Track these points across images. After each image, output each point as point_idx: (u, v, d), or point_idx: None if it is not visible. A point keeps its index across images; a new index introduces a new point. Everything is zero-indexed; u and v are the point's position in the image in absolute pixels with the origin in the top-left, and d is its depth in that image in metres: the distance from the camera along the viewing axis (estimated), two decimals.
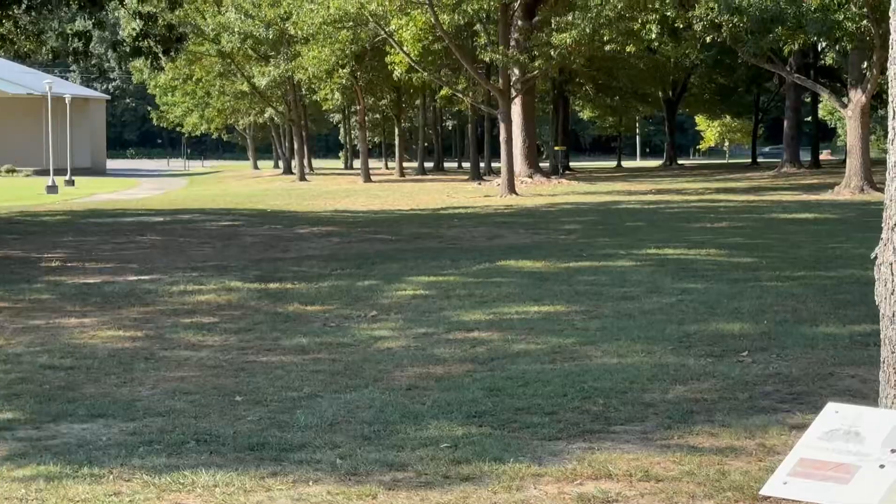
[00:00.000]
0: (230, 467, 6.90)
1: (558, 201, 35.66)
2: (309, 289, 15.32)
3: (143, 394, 9.02)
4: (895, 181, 4.59)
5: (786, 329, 11.49)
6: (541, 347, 10.78)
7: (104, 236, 24.80)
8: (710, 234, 23.42)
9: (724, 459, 6.97)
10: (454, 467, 6.85)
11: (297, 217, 30.65)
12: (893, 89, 4.62)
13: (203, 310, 13.58)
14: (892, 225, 4.59)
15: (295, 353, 10.75)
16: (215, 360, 10.41)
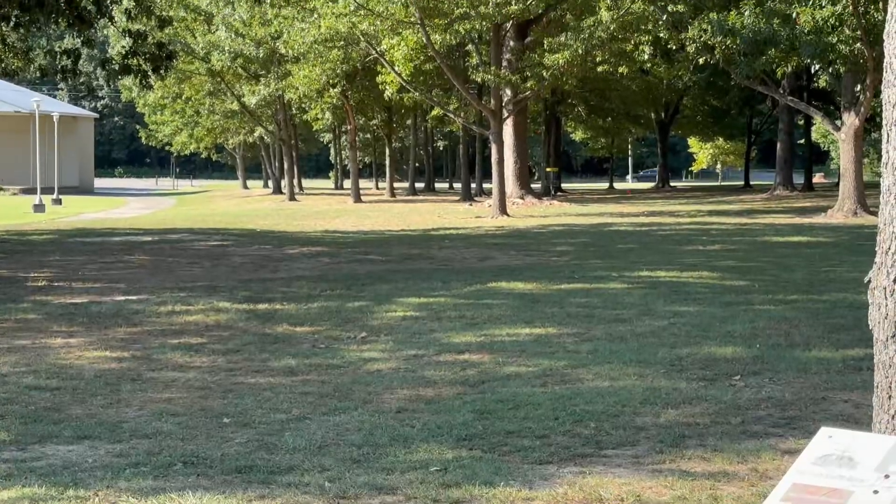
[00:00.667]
0: (217, 490, 6.89)
1: (550, 223, 35.70)
2: (298, 310, 15.30)
3: (130, 415, 8.99)
4: (889, 205, 4.60)
5: (778, 353, 11.49)
6: (532, 370, 10.78)
7: (91, 256, 24.77)
8: (703, 256, 23.45)
9: (716, 484, 6.97)
10: (444, 491, 6.85)
11: (286, 237, 30.66)
12: (887, 112, 4.63)
13: (191, 330, 13.56)
14: (886, 249, 4.60)
15: (284, 374, 10.74)
16: (203, 382, 10.39)
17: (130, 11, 28.16)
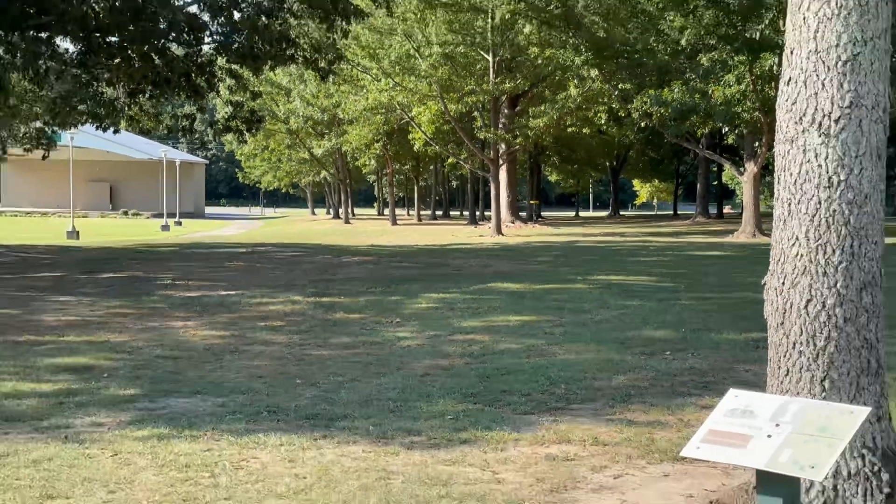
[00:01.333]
0: (292, 432, 6.92)
1: (532, 240, 35.65)
2: (351, 302, 15.31)
3: (229, 377, 9.02)
4: (779, 229, 4.61)
5: (698, 335, 11.48)
6: (519, 347, 10.77)
7: (202, 262, 24.83)
8: (643, 265, 23.39)
9: (653, 430, 6.97)
10: (456, 433, 6.86)
11: (342, 249, 30.67)
12: (777, 162, 4.65)
13: (273, 316, 13.57)
14: (777, 260, 4.61)
15: (340, 348, 10.75)
16: (282, 353, 10.42)
17: (231, 87, 28.21)
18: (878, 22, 4.40)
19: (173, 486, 5.69)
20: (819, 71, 4.41)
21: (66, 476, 5.86)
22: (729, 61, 32.25)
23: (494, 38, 38.28)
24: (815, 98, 4.41)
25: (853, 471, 4.33)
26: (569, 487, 5.67)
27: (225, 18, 25.06)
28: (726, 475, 5.82)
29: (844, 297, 4.37)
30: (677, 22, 32.56)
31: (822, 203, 4.38)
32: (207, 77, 25.54)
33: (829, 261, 4.37)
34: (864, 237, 4.39)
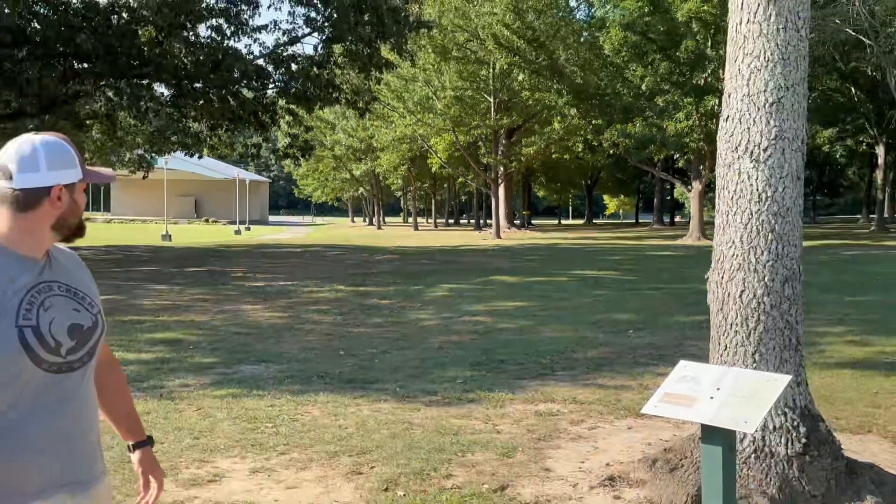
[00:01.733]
0: (337, 392, 6.94)
1: (524, 243, 35.65)
2: (382, 290, 15.37)
3: (288, 349, 9.06)
4: (718, 235, 4.61)
5: (654, 318, 11.48)
6: (514, 326, 10.80)
7: (265, 260, 24.94)
8: (611, 262, 23.37)
9: (619, 392, 6.97)
10: (464, 394, 6.88)
11: (375, 249, 30.74)
12: (718, 182, 4.64)
13: (321, 302, 13.63)
14: (716, 259, 4.60)
15: (374, 327, 10.79)
16: (328, 330, 10.46)
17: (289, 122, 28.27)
18: (797, 73, 4.40)
19: (244, 433, 5.73)
20: (751, 110, 4.41)
21: (162, 425, 5.89)
22: (679, 102, 32.34)
23: (495, 84, 38.32)
24: (748, 132, 4.41)
25: (777, 425, 4.32)
26: (553, 437, 5.68)
27: (285, 69, 25.14)
28: (677, 428, 5.81)
29: (771, 289, 4.36)
30: (639, 72, 32.64)
31: (753, 214, 4.38)
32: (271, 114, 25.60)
33: (759, 260, 4.37)
34: (786, 241, 4.39)
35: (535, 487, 4.68)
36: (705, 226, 35.97)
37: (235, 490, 4.65)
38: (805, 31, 4.42)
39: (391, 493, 4.57)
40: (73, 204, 2.05)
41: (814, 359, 8.14)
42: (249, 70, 23.15)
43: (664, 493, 4.37)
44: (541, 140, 40.56)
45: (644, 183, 71.46)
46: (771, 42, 4.37)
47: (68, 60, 21.73)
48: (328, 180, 68.12)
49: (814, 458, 4.27)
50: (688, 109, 32.07)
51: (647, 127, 33.25)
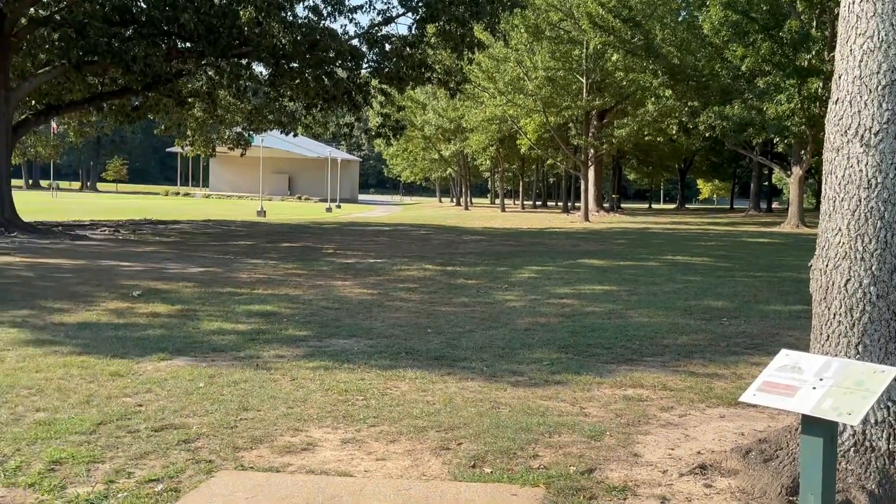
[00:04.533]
0: (424, 368, 7.01)
1: (613, 226, 35.18)
2: (469, 270, 15.39)
3: (377, 325, 9.17)
4: (824, 222, 4.46)
5: (749, 306, 11.18)
6: (602, 310, 10.68)
7: (356, 237, 25.27)
8: (704, 248, 22.87)
9: (711, 380, 6.83)
10: (551, 376, 6.85)
11: (462, 230, 30.83)
12: (825, 167, 4.49)
13: (409, 280, 13.74)
14: (821, 247, 4.46)
15: (460, 306, 10.82)
16: (416, 308, 10.54)
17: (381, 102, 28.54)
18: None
19: (335, 405, 5.84)
20: (863, 93, 4.23)
21: (257, 394, 6.07)
22: (781, 84, 31.29)
23: (588, 65, 37.78)
24: (859, 115, 4.24)
25: (879, 419, 4.18)
26: (642, 423, 5.61)
27: (378, 49, 25.35)
28: (772, 419, 5.68)
29: (878, 278, 4.20)
30: (739, 52, 31.65)
31: (862, 201, 4.22)
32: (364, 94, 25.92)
33: (866, 248, 4.21)
34: (895, 230, 4.21)
35: (624, 472, 4.64)
36: (805, 213, 34.87)
37: (328, 459, 4.76)
38: None
39: (478, 470, 4.60)
40: None
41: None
42: (344, 50, 23.45)
43: (757, 483, 4.28)
44: (633, 122, 39.80)
45: (740, 167, 69.56)
46: (886, 22, 4.18)
47: (172, 39, 22.41)
48: (417, 160, 68.47)
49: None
50: (790, 92, 31.02)
51: (746, 109, 32.27)
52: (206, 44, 21.87)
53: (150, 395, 5.99)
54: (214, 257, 16.85)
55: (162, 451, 4.80)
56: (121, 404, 5.72)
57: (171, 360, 7.14)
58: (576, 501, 4.17)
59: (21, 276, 12.79)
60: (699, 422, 5.67)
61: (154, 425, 5.27)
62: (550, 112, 39.62)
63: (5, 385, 6.12)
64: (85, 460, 4.62)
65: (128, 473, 4.46)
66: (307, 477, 4.47)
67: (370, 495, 4.21)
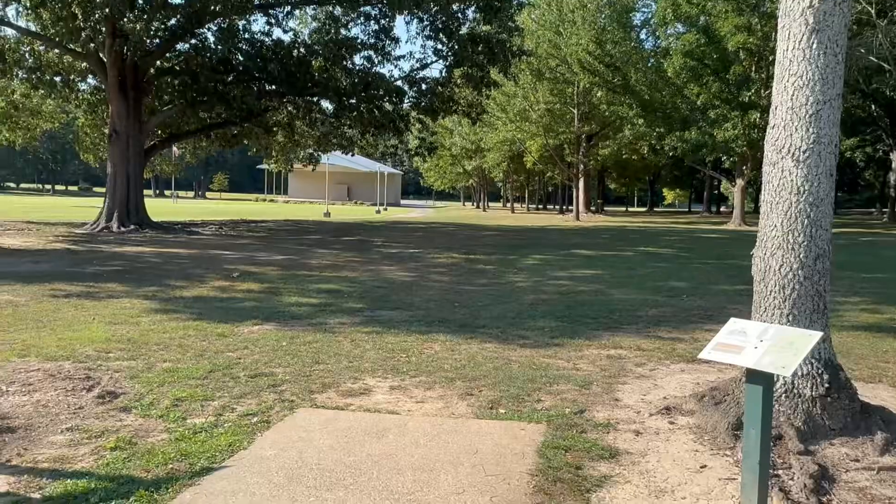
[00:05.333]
0: (453, 333, 7.00)
1: (598, 225, 34.90)
2: (486, 258, 15.35)
3: (415, 300, 9.17)
4: (763, 219, 4.39)
5: (703, 285, 11.06)
6: (590, 288, 10.61)
7: (399, 233, 25.30)
8: (668, 241, 22.63)
9: (674, 343, 6.77)
10: (551, 339, 6.82)
11: (480, 227, 30.74)
12: (763, 178, 4.42)
13: (440, 265, 13.73)
14: (761, 239, 4.39)
15: (480, 286, 10.80)
16: (446, 287, 10.53)
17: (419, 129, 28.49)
18: (833, 90, 4.12)
19: (385, 360, 5.87)
20: (794, 120, 4.16)
21: (325, 351, 6.10)
22: (728, 115, 30.86)
23: (578, 99, 37.43)
24: (791, 137, 4.17)
25: (805, 372, 4.12)
26: (621, 375, 5.58)
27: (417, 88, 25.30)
28: (720, 372, 5.62)
29: (804, 264, 4.14)
30: (695, 90, 31.32)
31: (793, 204, 4.15)
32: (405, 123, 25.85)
33: (796, 240, 4.15)
34: (819, 226, 4.14)
35: (607, 412, 4.63)
36: (746, 214, 34.37)
37: (380, 401, 4.79)
38: (842, 56, 4.13)
39: (495, 410, 4.60)
40: None
41: (833, 322, 7.69)
42: (391, 89, 23.44)
43: (709, 421, 4.24)
44: (614, 144, 39.44)
45: (696, 179, 68.53)
46: (812, 65, 4.10)
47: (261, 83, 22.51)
48: (446, 173, 68.22)
49: (834, 399, 4.05)
50: (734, 121, 30.61)
51: (701, 134, 31.82)
52: (287, 86, 21.96)
53: (247, 350, 6.06)
54: (292, 248, 16.95)
55: (256, 393, 4.86)
56: (225, 357, 5.79)
57: (262, 325, 7.20)
58: (570, 434, 4.16)
59: (151, 262, 12.97)
60: (665, 374, 5.63)
61: (250, 373, 5.33)
62: (549, 136, 39.33)
63: (140, 342, 6.23)
64: (200, 398, 4.69)
65: (231, 409, 4.52)
66: (364, 414, 4.50)
67: (412, 428, 4.23)
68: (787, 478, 3.48)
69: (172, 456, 3.71)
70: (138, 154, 21.30)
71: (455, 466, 3.64)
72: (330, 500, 3.23)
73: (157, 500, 3.23)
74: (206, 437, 3.99)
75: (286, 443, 3.94)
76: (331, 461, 3.68)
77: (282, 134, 28.46)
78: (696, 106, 32.33)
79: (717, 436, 4.04)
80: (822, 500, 3.26)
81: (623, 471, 3.65)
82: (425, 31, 24.02)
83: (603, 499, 3.32)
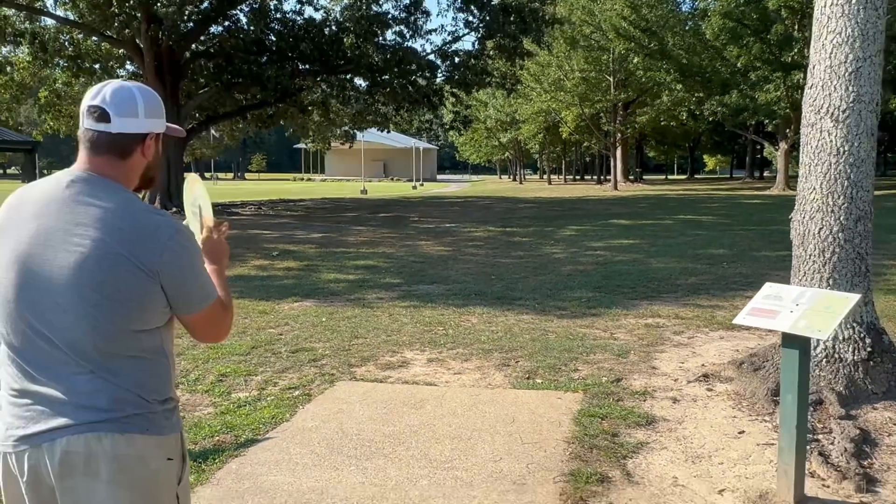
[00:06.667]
0: (489, 305, 7.04)
1: (637, 194, 34.33)
2: (523, 230, 15.30)
3: (452, 274, 9.23)
4: (801, 182, 4.30)
5: (744, 252, 10.87)
6: (628, 258, 10.52)
7: (434, 208, 25.31)
8: (709, 209, 22.18)
9: (713, 311, 6.70)
10: (588, 309, 6.81)
11: (517, 199, 30.54)
12: (802, 139, 4.31)
13: (476, 239, 13.74)
14: (800, 202, 4.30)
15: (517, 258, 10.79)
16: (482, 260, 10.56)
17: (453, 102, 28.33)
18: (874, 46, 3.98)
19: (423, 333, 5.94)
20: (832, 79, 4.04)
21: (364, 325, 6.21)
22: (769, 77, 29.91)
23: (614, 66, 36.71)
24: (829, 97, 4.06)
25: (846, 336, 4.06)
26: (658, 344, 5.56)
27: (450, 62, 25.12)
28: (761, 339, 5.55)
29: (845, 227, 4.05)
30: (735, 52, 30.38)
31: (832, 165, 4.05)
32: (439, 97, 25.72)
33: (836, 202, 4.05)
34: (859, 187, 4.04)
35: (644, 380, 4.63)
36: (790, 179, 33.45)
37: (418, 373, 4.87)
38: (883, 10, 3.98)
39: (531, 381, 4.64)
40: (157, 154, 1.62)
41: (880, 286, 7.50)
42: (423, 64, 23.31)
43: (748, 387, 4.21)
44: (652, 111, 38.61)
45: (738, 144, 66.84)
46: (851, 21, 3.97)
47: (295, 63, 22.62)
48: (481, 146, 67.81)
49: (877, 363, 3.98)
50: (776, 83, 29.67)
51: (742, 98, 30.95)
52: (320, 65, 22.03)
53: (287, 327, 6.20)
54: (330, 225, 17.14)
55: (297, 367, 4.99)
56: (267, 334, 5.94)
57: (302, 301, 7.35)
58: (606, 402, 4.18)
59: None
60: (704, 342, 5.59)
61: (291, 348, 5.46)
62: (585, 105, 38.71)
63: None
64: (243, 374, 4.84)
65: (273, 383, 4.66)
66: (403, 386, 4.59)
67: (450, 399, 4.30)
68: (828, 442, 3.45)
69: (218, 429, 3.85)
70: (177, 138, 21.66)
71: (492, 435, 3.70)
72: (370, 469, 3.32)
73: (205, 469, 3.36)
74: (250, 411, 4.12)
75: (327, 415, 4.05)
76: (370, 431, 3.78)
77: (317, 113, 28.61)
78: (736, 69, 31.40)
79: (756, 402, 4.02)
80: (863, 463, 3.23)
81: (660, 437, 3.66)
82: (456, 3, 23.76)
83: (639, 465, 3.34)
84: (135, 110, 1.54)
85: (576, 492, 3.04)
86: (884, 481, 3.11)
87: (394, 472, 3.29)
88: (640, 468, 3.31)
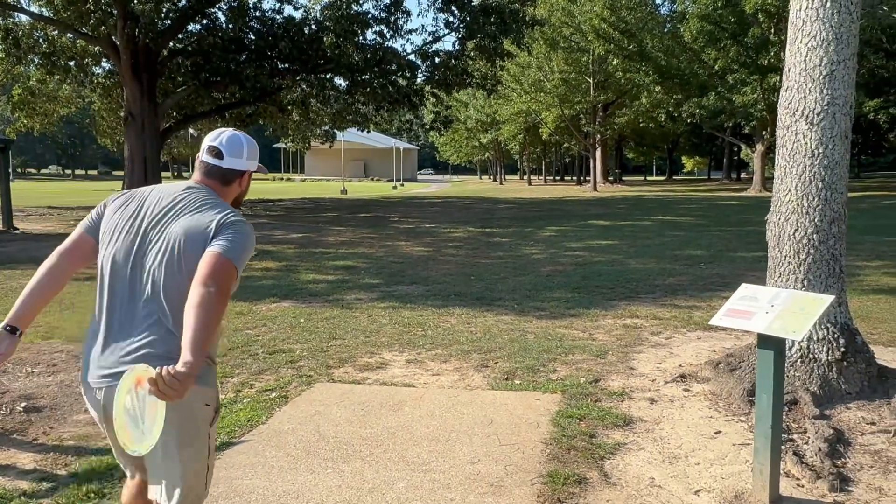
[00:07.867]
0: (469, 306, 7.03)
1: (616, 195, 34.57)
2: (503, 231, 15.31)
3: (431, 275, 9.20)
4: (777, 184, 4.34)
5: (721, 253, 10.97)
6: (606, 259, 10.57)
7: (414, 208, 25.27)
8: (687, 210, 22.38)
9: (691, 311, 6.75)
10: (567, 310, 6.82)
11: (497, 200, 30.59)
12: (778, 142, 4.35)
13: (456, 239, 13.73)
14: (775, 204, 4.34)
15: (496, 259, 10.80)
16: (462, 260, 10.55)
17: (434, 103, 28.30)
18: (848, 49, 4.03)
19: (401, 334, 5.91)
20: (807, 81, 4.08)
21: (342, 326, 6.16)
22: (746, 80, 30.28)
23: (594, 68, 36.96)
24: (804, 100, 4.10)
25: (821, 336, 4.10)
26: (636, 344, 5.59)
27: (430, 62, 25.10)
28: (737, 339, 5.60)
29: (819, 228, 4.09)
30: (713, 55, 30.74)
31: (807, 168, 4.09)
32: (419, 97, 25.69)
33: (811, 204, 4.09)
34: (833, 189, 4.08)
35: (622, 381, 4.64)
36: (766, 180, 33.92)
37: (396, 374, 4.84)
38: (856, 15, 4.03)
39: (510, 381, 4.64)
40: (248, 186, 2.22)
41: (854, 286, 7.61)
42: (403, 64, 23.27)
43: (724, 387, 4.24)
44: (631, 112, 38.90)
45: (715, 146, 67.55)
46: (826, 24, 4.01)
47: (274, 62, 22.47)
48: (462, 147, 67.85)
49: (850, 363, 4.03)
50: (753, 85, 30.05)
51: (719, 100, 31.30)
52: (299, 64, 21.90)
53: (265, 328, 6.14)
54: (309, 226, 17.03)
55: (274, 369, 4.93)
56: (244, 335, 5.88)
57: (280, 302, 7.29)
58: (584, 403, 4.18)
59: None
60: (681, 343, 5.63)
61: (268, 350, 5.41)
62: (565, 106, 38.90)
63: None
64: (219, 375, 4.77)
65: (250, 385, 4.60)
66: (381, 387, 4.56)
67: (428, 400, 4.28)
68: (802, 442, 3.48)
69: None
70: (154, 136, 21.43)
71: (470, 437, 3.68)
72: (347, 472, 3.29)
73: None
74: (226, 413, 4.07)
75: (304, 417, 4.00)
76: (347, 434, 3.74)
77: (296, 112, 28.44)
78: (713, 71, 31.77)
79: (732, 402, 4.04)
80: (837, 463, 3.26)
81: (637, 438, 3.67)
82: (436, 4, 23.75)
83: (616, 466, 3.35)
84: (241, 153, 2.13)
85: (553, 493, 3.04)
86: (857, 480, 3.15)
87: (371, 474, 3.26)
88: (618, 469, 3.32)
